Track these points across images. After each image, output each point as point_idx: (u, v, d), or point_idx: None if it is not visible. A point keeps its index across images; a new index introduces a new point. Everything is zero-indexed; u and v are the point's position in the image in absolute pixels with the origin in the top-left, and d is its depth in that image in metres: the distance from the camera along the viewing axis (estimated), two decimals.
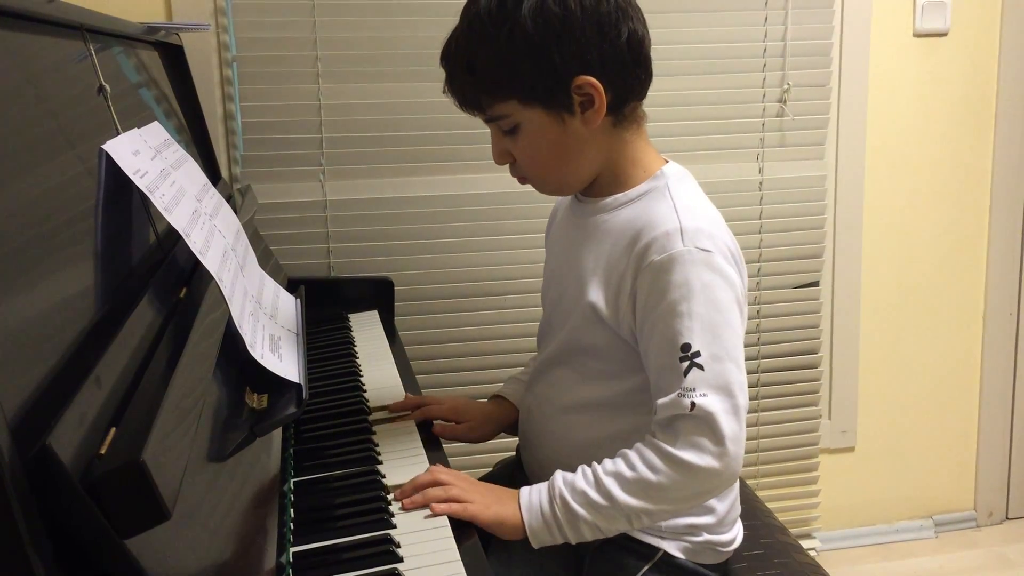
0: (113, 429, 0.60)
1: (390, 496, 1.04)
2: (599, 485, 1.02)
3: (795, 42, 2.05)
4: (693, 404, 1.00)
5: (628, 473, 1.02)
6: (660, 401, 1.03)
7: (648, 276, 1.04)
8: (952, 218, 2.28)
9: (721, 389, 1.01)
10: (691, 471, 1.00)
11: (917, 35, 2.16)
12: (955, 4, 2.16)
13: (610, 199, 1.13)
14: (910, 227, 2.26)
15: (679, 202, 1.08)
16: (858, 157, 2.18)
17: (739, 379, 1.02)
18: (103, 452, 0.57)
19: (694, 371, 1.01)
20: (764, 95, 2.06)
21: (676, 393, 1.01)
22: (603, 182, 1.14)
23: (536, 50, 1.03)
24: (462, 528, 0.99)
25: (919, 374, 2.34)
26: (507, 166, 1.17)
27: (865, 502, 2.37)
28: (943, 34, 2.17)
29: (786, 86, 2.05)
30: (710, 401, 1.00)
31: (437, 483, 1.04)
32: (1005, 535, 2.42)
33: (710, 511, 1.14)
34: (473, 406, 1.33)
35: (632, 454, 1.03)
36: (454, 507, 1.02)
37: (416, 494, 1.03)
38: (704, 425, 1.00)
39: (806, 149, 2.11)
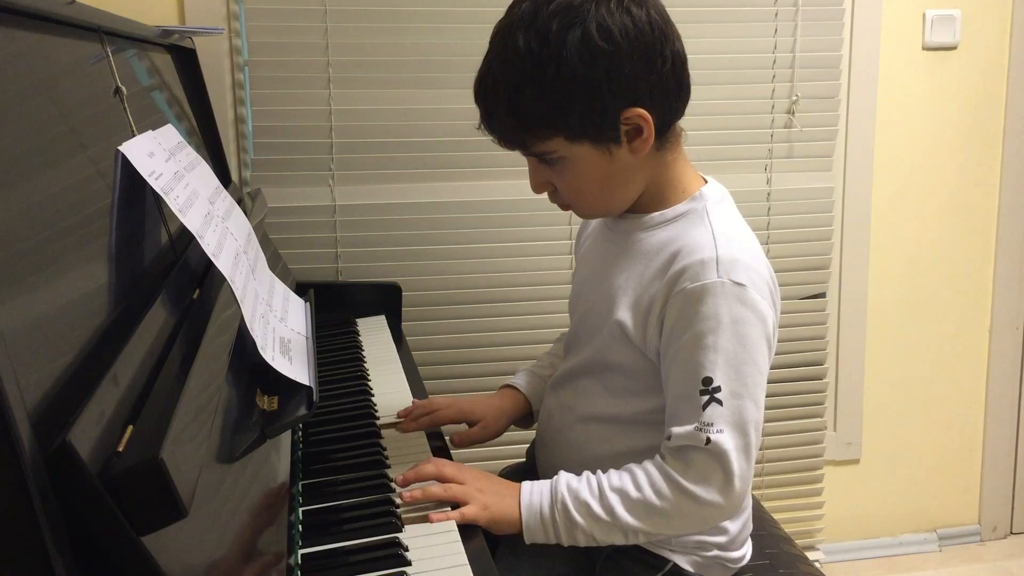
0: (131, 427, 0.60)
1: (398, 499, 1.05)
2: (603, 499, 1.03)
3: (804, 54, 2.05)
4: (708, 439, 1.00)
5: (633, 493, 1.03)
6: (676, 430, 1.02)
7: (678, 303, 1.03)
8: (959, 231, 2.28)
9: (736, 426, 1.01)
10: (696, 503, 1.01)
11: (926, 48, 2.17)
12: (965, 18, 2.16)
13: (647, 218, 1.11)
14: (917, 240, 2.26)
15: (717, 228, 1.06)
16: (866, 169, 2.18)
17: (755, 418, 1.02)
18: (121, 449, 0.57)
19: (713, 406, 1.00)
20: (773, 106, 2.06)
21: (694, 426, 1.01)
22: (642, 200, 1.12)
23: (585, 88, 0.99)
24: (469, 531, 1.00)
25: (925, 387, 2.34)
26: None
27: (869, 514, 2.37)
28: (952, 48, 2.18)
29: (794, 97, 2.06)
30: (725, 438, 1.00)
31: (441, 476, 1.05)
32: (1009, 550, 2.42)
33: (723, 531, 1.14)
34: (481, 403, 1.32)
35: (640, 474, 1.04)
36: (451, 514, 1.02)
37: (416, 484, 1.04)
38: (715, 461, 1.01)
39: (814, 161, 2.11)
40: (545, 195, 1.94)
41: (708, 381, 1.01)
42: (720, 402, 1.00)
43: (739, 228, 1.10)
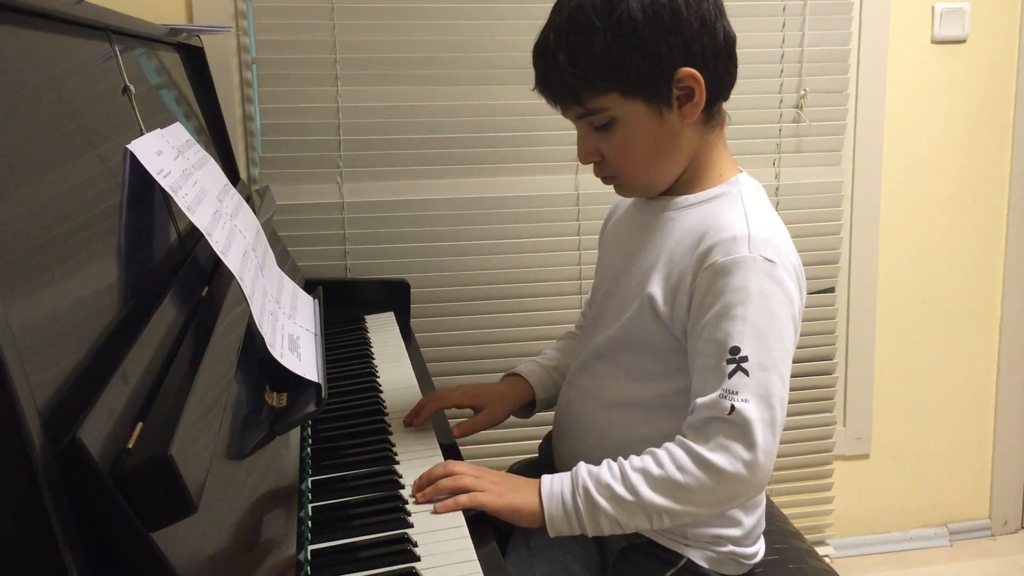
0: (140, 424, 0.61)
1: (406, 494, 1.05)
2: (625, 479, 1.02)
3: (812, 48, 2.04)
4: (732, 407, 0.99)
5: (656, 471, 1.01)
6: (699, 400, 1.02)
7: (708, 276, 1.04)
8: (969, 225, 2.27)
9: (762, 399, 1.00)
10: (719, 475, 0.99)
11: (935, 42, 2.16)
12: (974, 11, 2.15)
13: (680, 198, 1.13)
14: (927, 234, 2.25)
15: (750, 210, 1.08)
16: (875, 163, 2.17)
17: (781, 393, 1.01)
18: (131, 446, 0.58)
19: (739, 375, 1.00)
20: (781, 101, 2.06)
21: (718, 393, 1.00)
22: (680, 181, 1.14)
23: (644, 41, 1.04)
24: (480, 528, 1.00)
25: (935, 381, 2.33)
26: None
27: (879, 509, 2.36)
28: (961, 41, 2.17)
29: (803, 92, 2.05)
30: (750, 408, 0.99)
31: (449, 474, 1.05)
32: (1020, 544, 2.41)
33: (737, 524, 1.13)
34: (485, 388, 1.32)
35: (661, 452, 1.03)
36: (460, 499, 1.02)
37: (429, 487, 1.04)
38: (738, 431, 0.99)
39: (823, 155, 2.11)
40: (553, 192, 1.97)
41: (735, 351, 1.00)
42: (746, 372, 1.00)
43: (771, 214, 1.12)
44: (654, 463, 1.02)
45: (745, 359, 1.00)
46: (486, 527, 1.01)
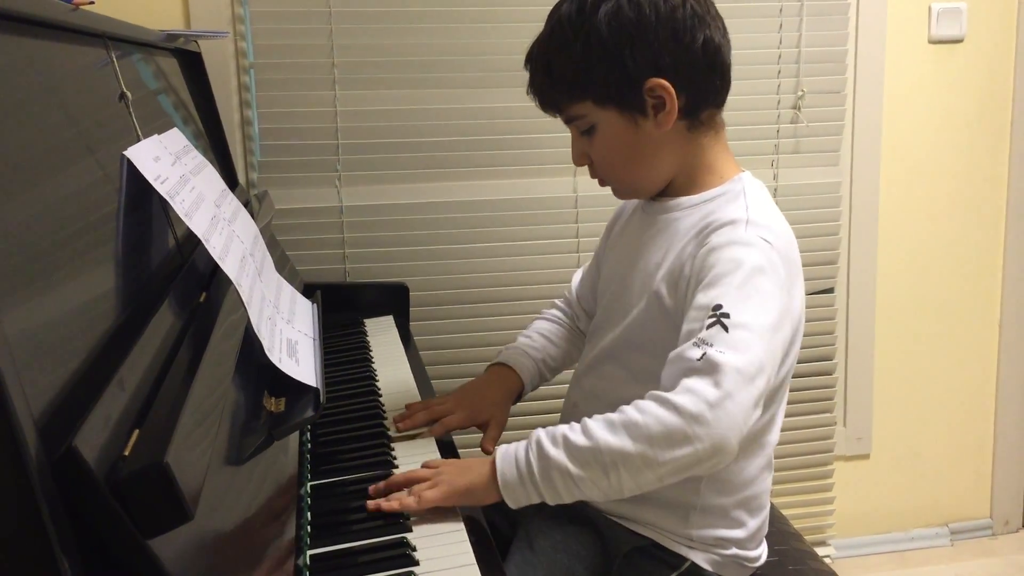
0: (136, 431, 0.61)
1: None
2: (584, 427, 0.99)
3: (809, 49, 2.04)
4: (704, 355, 0.95)
5: (616, 417, 0.98)
6: (672, 353, 1.00)
7: (704, 254, 1.04)
8: (968, 225, 2.27)
9: (739, 352, 0.95)
10: (677, 411, 0.94)
11: (932, 42, 2.16)
12: (971, 11, 2.15)
13: (684, 198, 1.14)
14: (925, 234, 2.25)
15: (752, 202, 1.09)
16: (873, 164, 2.18)
17: (761, 357, 0.97)
18: (127, 454, 0.58)
19: (717, 328, 0.97)
20: (779, 102, 2.06)
21: (692, 341, 0.98)
22: (677, 184, 1.15)
23: (609, 53, 1.07)
24: (479, 531, 1.00)
25: (935, 381, 2.33)
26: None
27: (880, 510, 2.36)
28: (959, 41, 2.17)
29: (800, 92, 2.05)
30: (724, 356, 0.95)
31: (410, 481, 1.04)
32: (1021, 543, 2.41)
33: (741, 525, 1.13)
34: (483, 402, 1.31)
35: (626, 406, 0.99)
36: (406, 501, 1.00)
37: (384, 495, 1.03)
38: (706, 373, 0.95)
39: (821, 156, 2.11)
40: (551, 194, 1.97)
41: (717, 307, 0.99)
42: (725, 328, 0.97)
43: (774, 209, 1.13)
44: (616, 413, 0.99)
45: (726, 315, 0.98)
46: (487, 531, 1.01)
